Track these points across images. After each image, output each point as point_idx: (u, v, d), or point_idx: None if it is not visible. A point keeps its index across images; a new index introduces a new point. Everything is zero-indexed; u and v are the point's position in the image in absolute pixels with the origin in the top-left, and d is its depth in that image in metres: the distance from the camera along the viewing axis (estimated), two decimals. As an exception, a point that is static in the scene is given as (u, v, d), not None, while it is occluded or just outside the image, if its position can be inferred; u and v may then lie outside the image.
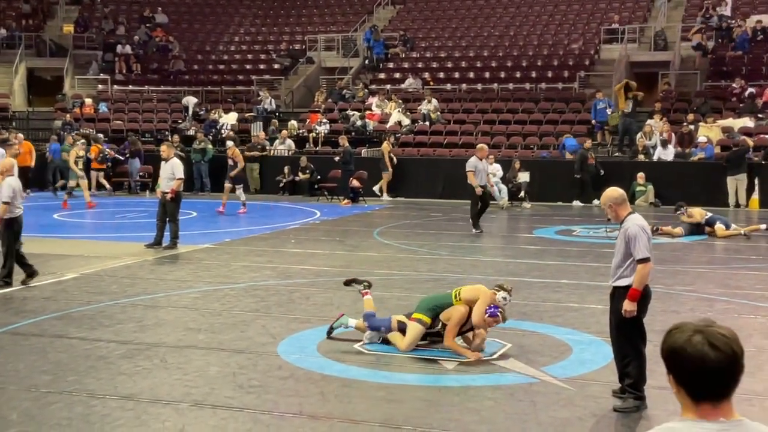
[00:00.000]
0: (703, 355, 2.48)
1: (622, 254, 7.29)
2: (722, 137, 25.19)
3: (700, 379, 2.50)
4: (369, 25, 36.37)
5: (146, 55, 36.59)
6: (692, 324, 2.57)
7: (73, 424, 6.83)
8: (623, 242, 7.26)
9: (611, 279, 7.48)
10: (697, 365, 2.48)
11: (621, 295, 7.30)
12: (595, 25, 33.60)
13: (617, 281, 7.37)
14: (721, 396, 2.51)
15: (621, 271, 7.32)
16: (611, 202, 7.41)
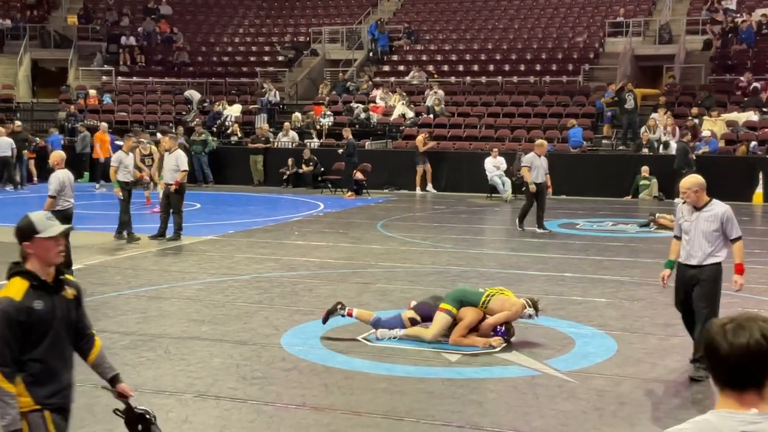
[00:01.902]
0: (718, 343, 2.52)
1: (712, 235, 7.89)
2: (726, 131, 25.15)
3: (715, 368, 2.55)
4: (373, 17, 36.32)
5: (150, 47, 36.58)
6: (738, 316, 2.57)
7: (77, 414, 6.81)
8: (714, 224, 7.87)
9: (696, 259, 7.93)
10: (710, 354, 2.54)
11: (712, 271, 7.91)
12: (599, 19, 33.52)
13: (708, 259, 7.91)
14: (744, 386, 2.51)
15: (711, 251, 7.91)
16: (697, 186, 7.96)
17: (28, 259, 4.36)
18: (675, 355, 8.70)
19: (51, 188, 12.17)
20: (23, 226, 4.38)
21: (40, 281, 4.33)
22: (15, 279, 4.33)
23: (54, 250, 4.37)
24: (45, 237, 4.34)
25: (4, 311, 4.20)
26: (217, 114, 30.15)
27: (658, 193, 23.55)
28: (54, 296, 4.37)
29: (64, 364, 4.46)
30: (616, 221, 19.16)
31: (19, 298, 4.24)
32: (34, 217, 4.43)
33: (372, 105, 29.40)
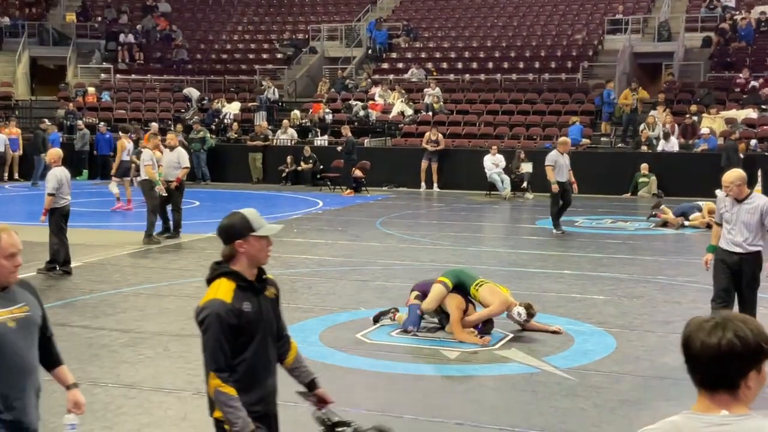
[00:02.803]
0: (692, 341, 2.53)
1: (754, 225, 8.43)
2: (725, 128, 25.15)
3: (689, 366, 2.53)
4: (372, 14, 36.30)
5: (149, 44, 36.56)
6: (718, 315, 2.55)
7: (76, 411, 6.84)
8: (755, 215, 8.41)
9: (739, 248, 8.46)
10: (685, 352, 2.55)
11: (754, 259, 8.51)
12: (598, 16, 33.50)
13: (750, 248, 8.47)
14: (715, 386, 2.47)
15: (753, 240, 8.46)
16: (740, 180, 8.47)
17: (236, 259, 4.13)
18: (674, 352, 8.69)
19: (49, 186, 12.19)
20: (237, 223, 4.15)
21: (247, 282, 4.14)
22: (222, 280, 4.13)
23: (266, 250, 4.19)
24: (260, 235, 4.15)
25: (217, 314, 4.03)
26: (215, 112, 30.14)
27: (657, 191, 23.53)
28: (259, 296, 4.19)
29: (268, 368, 4.29)
30: (615, 219, 19.17)
31: (229, 300, 4.06)
32: (249, 214, 4.19)
33: (371, 102, 29.38)
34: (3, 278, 4.07)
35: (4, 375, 4.00)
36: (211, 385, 4.12)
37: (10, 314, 4.04)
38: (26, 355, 4.12)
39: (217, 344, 4.04)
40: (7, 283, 4.10)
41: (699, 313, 11.00)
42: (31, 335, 4.17)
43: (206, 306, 4.09)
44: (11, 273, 4.09)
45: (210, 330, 4.05)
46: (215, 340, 4.04)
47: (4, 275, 4.07)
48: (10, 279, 4.11)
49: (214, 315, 4.03)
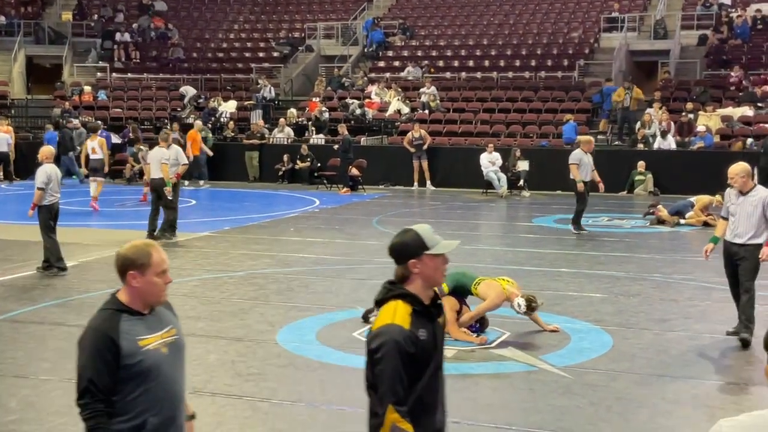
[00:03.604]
0: None
1: (757, 218, 8.77)
2: (721, 126, 25.17)
3: None
4: (368, 13, 36.30)
5: (145, 43, 36.52)
6: None
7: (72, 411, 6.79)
8: (758, 207, 8.76)
9: (740, 238, 8.83)
10: None
11: (753, 250, 8.82)
12: (594, 14, 33.53)
13: (752, 239, 8.82)
14: None
15: (755, 231, 8.80)
16: (744, 173, 8.86)
17: (410, 280, 3.78)
18: (670, 350, 8.71)
19: (38, 180, 12.21)
20: (410, 241, 3.81)
21: (423, 306, 3.77)
22: (398, 303, 3.74)
23: (441, 270, 3.83)
24: (435, 254, 3.79)
25: (396, 342, 3.63)
26: (212, 110, 30.11)
27: (653, 188, 23.55)
28: (434, 323, 3.80)
29: (439, 402, 3.89)
30: (611, 217, 19.18)
31: (407, 326, 3.67)
32: (422, 230, 3.85)
33: (367, 101, 29.37)
34: (154, 297, 3.83)
35: (158, 405, 3.74)
36: (389, 419, 3.64)
37: (162, 339, 3.79)
38: (177, 381, 3.88)
39: (396, 375, 3.62)
40: (158, 302, 3.86)
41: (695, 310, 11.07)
42: (180, 360, 3.92)
43: (383, 332, 3.68)
44: (162, 291, 3.84)
45: (387, 359, 3.63)
46: (393, 370, 3.62)
47: (155, 294, 3.82)
48: (161, 298, 3.86)
49: (393, 342, 3.63)
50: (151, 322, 3.80)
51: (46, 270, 12.34)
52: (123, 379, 3.68)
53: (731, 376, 8.07)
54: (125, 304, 3.78)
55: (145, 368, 3.69)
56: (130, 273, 3.77)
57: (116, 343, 3.66)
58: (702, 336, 9.26)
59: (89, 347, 3.69)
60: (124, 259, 3.80)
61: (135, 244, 3.88)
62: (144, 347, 3.70)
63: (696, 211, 17.89)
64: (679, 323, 9.83)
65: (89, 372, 3.66)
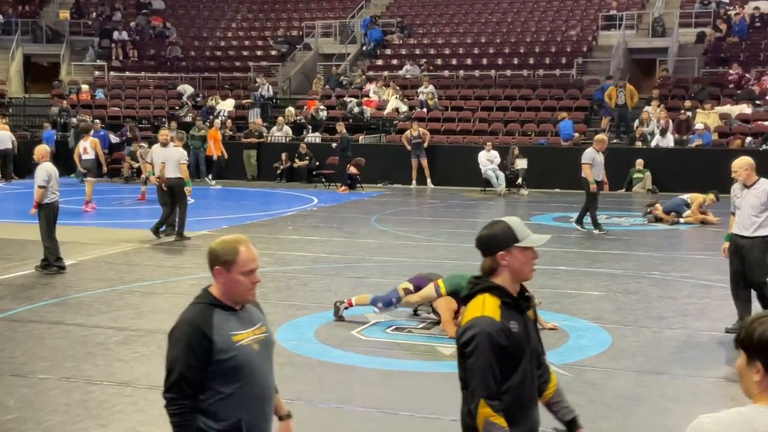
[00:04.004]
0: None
1: (759, 208, 8.93)
2: (720, 124, 25.17)
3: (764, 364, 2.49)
4: (366, 11, 36.28)
5: (143, 42, 36.49)
6: None
7: (70, 410, 6.84)
8: (761, 198, 8.91)
9: (746, 231, 8.97)
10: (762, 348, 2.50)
11: (761, 242, 8.97)
12: (593, 12, 33.52)
13: (758, 231, 8.96)
14: None
15: (760, 222, 8.95)
16: (748, 166, 9.02)
17: (498, 272, 3.68)
18: (669, 347, 8.71)
19: (39, 179, 12.20)
20: (499, 233, 3.68)
21: (512, 298, 3.68)
22: (485, 296, 3.65)
23: (531, 264, 3.72)
24: (525, 246, 3.68)
25: (488, 334, 3.54)
26: (210, 109, 30.09)
27: (651, 186, 23.56)
28: (524, 315, 3.71)
29: (534, 398, 3.78)
30: (609, 214, 19.17)
31: (498, 317, 3.57)
32: (513, 222, 3.73)
33: (365, 99, 29.36)
34: (240, 296, 3.73)
35: (252, 403, 3.68)
36: (481, 414, 3.60)
37: (254, 335, 3.73)
38: (269, 379, 3.82)
39: (488, 368, 3.55)
40: (244, 300, 3.77)
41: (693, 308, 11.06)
42: (270, 357, 3.87)
43: (473, 324, 3.60)
44: (249, 290, 3.74)
45: (479, 351, 3.56)
46: (485, 362, 3.55)
47: (241, 292, 3.72)
48: (248, 297, 3.76)
49: (485, 334, 3.54)
50: (242, 318, 3.73)
51: (45, 269, 12.33)
52: (214, 374, 3.59)
53: (730, 373, 8.07)
54: (217, 299, 3.71)
55: (237, 364, 3.61)
56: (216, 268, 3.71)
57: (209, 338, 3.58)
58: (700, 333, 9.26)
59: (181, 340, 3.62)
60: (211, 253, 3.74)
61: (225, 239, 3.77)
62: (237, 342, 3.62)
63: (693, 210, 17.89)
64: (678, 321, 9.83)
65: (180, 365, 3.60)
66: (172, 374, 3.63)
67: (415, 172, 25.33)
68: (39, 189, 12.18)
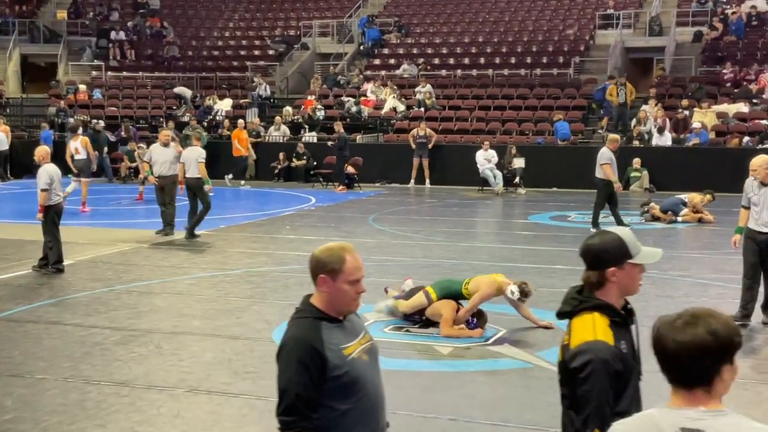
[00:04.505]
0: (665, 340, 2.49)
1: None
2: (717, 122, 25.19)
3: (662, 365, 2.51)
4: (364, 10, 36.27)
5: (140, 42, 36.48)
6: (689, 311, 2.54)
7: (68, 410, 6.84)
8: None
9: (766, 227, 9.28)
10: (656, 351, 2.51)
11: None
12: (590, 11, 33.53)
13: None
14: (691, 383, 2.47)
15: None
16: (767, 164, 9.26)
17: (605, 289, 3.47)
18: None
19: (41, 182, 12.17)
20: (611, 248, 3.45)
21: (621, 316, 3.49)
22: (594, 315, 3.43)
23: (640, 279, 3.55)
24: (637, 263, 3.48)
25: (604, 362, 3.29)
26: (207, 109, 30.09)
27: (649, 185, 23.58)
28: (629, 332, 3.51)
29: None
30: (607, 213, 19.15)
31: (612, 341, 3.35)
32: (625, 236, 3.50)
33: (363, 98, 29.36)
34: (345, 306, 3.57)
35: (366, 416, 3.52)
36: None
37: (360, 346, 3.55)
38: (379, 388, 3.64)
39: (604, 397, 3.30)
40: (348, 311, 3.60)
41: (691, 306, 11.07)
42: (378, 366, 3.68)
43: (587, 349, 3.34)
44: (354, 300, 3.57)
45: (595, 380, 3.30)
46: (601, 391, 3.30)
47: (346, 302, 3.56)
48: (352, 307, 3.59)
49: (600, 362, 3.29)
50: (347, 329, 3.57)
51: (42, 269, 12.32)
52: (329, 392, 3.42)
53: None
54: (322, 311, 3.56)
55: (351, 379, 3.45)
56: (320, 277, 3.58)
57: (321, 355, 3.40)
58: (698, 332, 9.26)
59: (293, 359, 3.44)
60: (316, 261, 3.62)
61: (330, 246, 3.64)
62: (348, 356, 3.47)
63: (690, 209, 17.91)
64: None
65: (296, 387, 3.41)
66: (287, 396, 3.44)
67: (415, 172, 25.35)
68: (42, 192, 12.15)
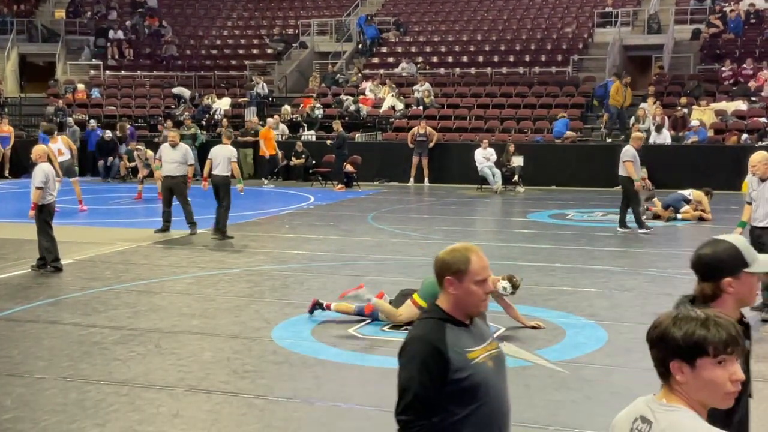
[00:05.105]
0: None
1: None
2: (715, 120, 25.20)
3: None
4: (362, 9, 36.25)
5: (138, 41, 36.45)
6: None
7: (67, 409, 6.84)
8: None
9: (760, 222, 9.56)
10: None
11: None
12: (588, 9, 33.51)
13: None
14: (660, 376, 2.60)
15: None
16: (766, 161, 9.48)
17: (721, 300, 3.29)
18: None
19: (37, 180, 12.18)
20: (726, 257, 3.28)
21: None
22: None
23: (756, 288, 3.38)
24: (755, 272, 3.30)
25: None
26: (206, 108, 30.07)
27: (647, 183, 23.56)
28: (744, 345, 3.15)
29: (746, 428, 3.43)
30: (606, 211, 19.18)
31: None
32: (739, 243, 3.33)
33: (362, 97, 29.35)
34: (473, 307, 3.48)
35: (487, 424, 3.41)
36: None
37: (486, 352, 3.46)
38: (505, 399, 3.53)
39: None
40: (477, 312, 3.52)
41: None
42: (504, 374, 3.57)
43: None
44: (482, 301, 3.49)
45: None
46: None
47: (474, 303, 3.47)
48: (480, 308, 3.51)
49: None
50: (474, 334, 3.49)
51: (41, 268, 12.32)
52: (449, 395, 3.36)
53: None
54: (447, 313, 3.48)
55: (474, 384, 3.37)
56: (446, 279, 3.49)
57: (444, 357, 3.35)
58: (697, 330, 9.26)
59: (415, 359, 3.38)
60: (441, 263, 3.53)
61: (455, 247, 3.57)
62: (472, 360, 3.39)
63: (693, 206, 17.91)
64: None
65: (415, 386, 3.35)
66: (406, 395, 3.36)
67: (414, 170, 25.35)
68: (37, 190, 12.17)
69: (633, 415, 2.59)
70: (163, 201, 16.06)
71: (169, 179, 15.85)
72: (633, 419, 2.59)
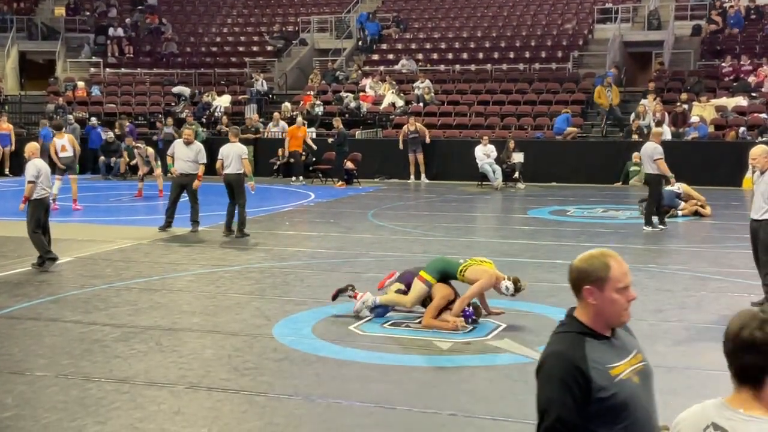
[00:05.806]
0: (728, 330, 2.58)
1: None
2: (716, 116, 25.18)
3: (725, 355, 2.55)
4: (362, 6, 36.22)
5: (138, 38, 36.44)
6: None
7: (68, 407, 6.84)
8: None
9: (756, 214, 9.65)
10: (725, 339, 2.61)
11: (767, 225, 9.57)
12: (588, 5, 33.48)
13: (764, 215, 9.56)
14: (740, 381, 2.46)
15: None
16: (766, 154, 9.52)
17: None
18: (666, 340, 8.72)
19: (29, 174, 12.29)
20: None
21: None
22: None
23: None
24: None
25: None
26: (206, 105, 30.06)
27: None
28: None
29: None
30: (606, 208, 19.19)
31: None
32: None
33: (362, 94, 29.34)
34: (615, 317, 3.25)
35: None
36: None
37: (631, 366, 3.22)
38: (652, 416, 3.28)
39: None
40: (619, 322, 3.29)
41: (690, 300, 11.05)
42: (652, 390, 3.32)
43: None
44: (625, 310, 3.26)
45: None
46: None
47: (616, 313, 3.24)
48: (623, 317, 3.28)
49: None
50: (616, 347, 3.26)
51: (41, 266, 12.33)
52: (592, 416, 3.12)
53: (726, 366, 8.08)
54: (587, 326, 3.25)
55: (618, 403, 3.13)
56: (585, 288, 3.26)
57: (585, 375, 3.12)
58: (697, 326, 9.28)
59: (554, 378, 3.16)
60: (578, 271, 3.32)
61: (592, 254, 3.33)
62: (616, 377, 3.15)
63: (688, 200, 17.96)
64: (675, 313, 9.85)
65: (557, 408, 3.12)
66: (548, 417, 3.15)
67: (413, 167, 25.35)
68: (29, 184, 12.26)
69: (703, 422, 2.43)
70: (171, 198, 15.97)
71: (183, 177, 15.78)
72: (704, 426, 2.44)
